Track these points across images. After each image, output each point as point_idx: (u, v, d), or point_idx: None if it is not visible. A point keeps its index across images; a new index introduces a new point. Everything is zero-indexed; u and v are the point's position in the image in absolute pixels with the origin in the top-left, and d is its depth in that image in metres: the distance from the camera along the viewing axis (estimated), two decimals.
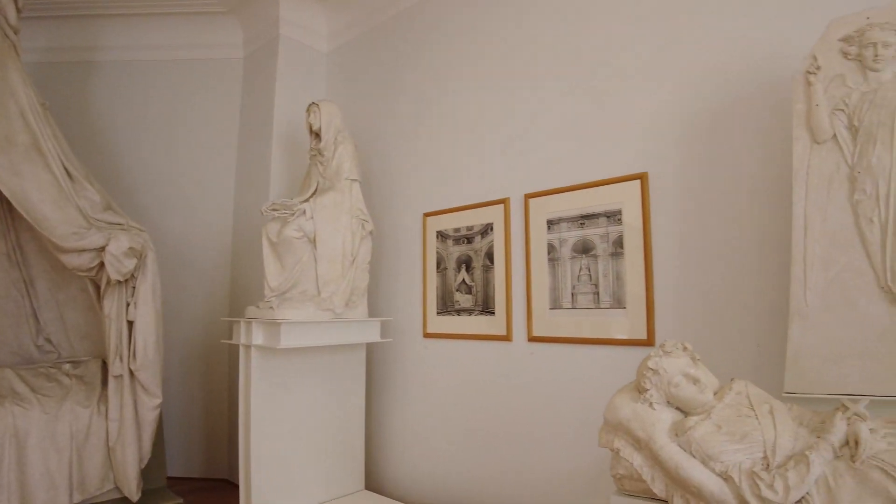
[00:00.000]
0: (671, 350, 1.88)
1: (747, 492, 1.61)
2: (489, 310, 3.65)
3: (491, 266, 3.64)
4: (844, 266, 2.17)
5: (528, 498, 3.38)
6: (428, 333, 4.01)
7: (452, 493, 3.80)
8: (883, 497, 1.48)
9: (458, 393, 3.83)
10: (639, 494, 1.90)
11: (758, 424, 1.70)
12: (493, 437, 3.60)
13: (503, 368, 3.58)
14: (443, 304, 3.92)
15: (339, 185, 3.70)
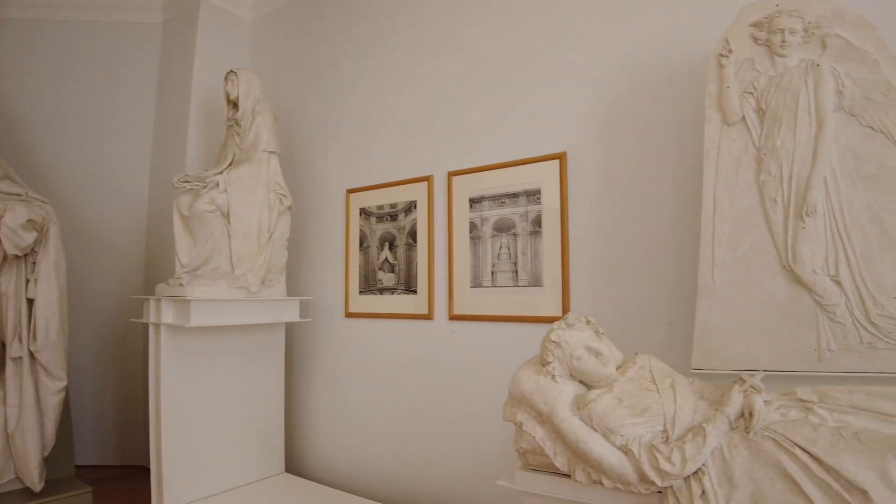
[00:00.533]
0: (574, 323, 1.88)
1: (646, 464, 1.62)
2: (412, 288, 3.60)
3: (414, 244, 3.60)
4: (750, 246, 2.22)
5: (451, 476, 3.37)
6: (350, 313, 3.94)
7: (375, 474, 3.77)
8: (774, 466, 1.51)
9: (380, 373, 3.78)
10: (543, 469, 1.90)
11: (659, 398, 1.72)
12: (415, 416, 3.57)
13: (425, 347, 3.55)
14: (365, 283, 3.85)
15: (255, 157, 3.57)
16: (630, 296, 2.82)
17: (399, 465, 3.64)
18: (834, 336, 2.09)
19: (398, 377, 3.68)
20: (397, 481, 3.63)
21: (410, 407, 3.60)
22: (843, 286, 2.08)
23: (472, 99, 3.41)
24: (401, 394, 3.66)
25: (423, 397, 3.55)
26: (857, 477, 1.41)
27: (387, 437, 3.72)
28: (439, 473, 3.43)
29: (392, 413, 3.70)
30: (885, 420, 1.54)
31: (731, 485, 1.53)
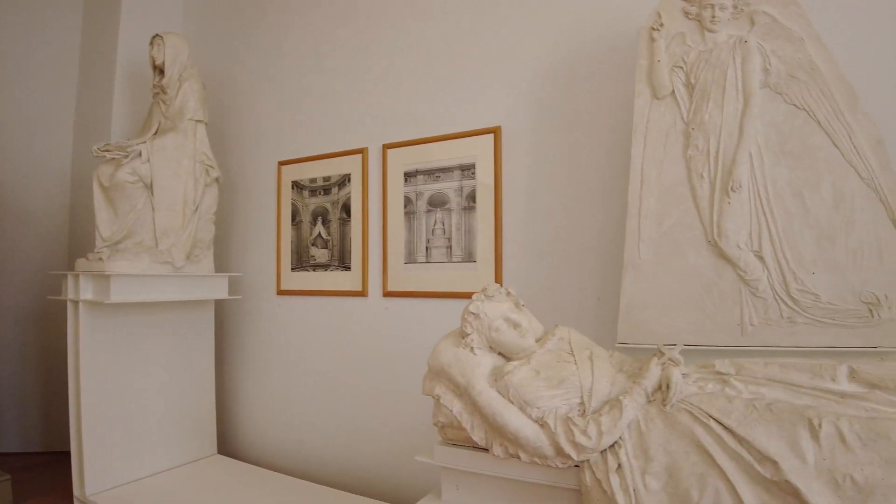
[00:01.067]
0: (493, 294, 1.84)
1: (562, 437, 1.59)
2: (345, 265, 3.52)
3: (348, 219, 3.51)
4: (676, 220, 2.21)
5: (386, 454, 3.32)
6: (282, 290, 3.83)
7: (309, 453, 3.69)
8: (689, 439, 1.50)
9: (313, 352, 3.69)
10: (462, 443, 1.85)
11: (576, 370, 1.69)
12: (349, 394, 3.51)
13: (359, 325, 3.48)
14: (297, 259, 3.75)
15: (181, 125, 3.41)
16: (561, 271, 2.81)
17: (333, 444, 3.57)
18: (756, 310, 2.11)
19: (332, 355, 3.60)
20: (332, 460, 3.57)
21: (344, 385, 3.53)
22: (766, 261, 2.09)
23: (407, 71, 3.33)
24: (335, 372, 3.58)
25: (358, 375, 3.48)
26: (769, 448, 1.41)
27: (321, 416, 3.64)
28: (375, 452, 3.38)
29: (326, 392, 3.62)
30: (797, 391, 1.54)
31: (647, 457, 1.52)
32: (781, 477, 1.37)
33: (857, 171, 2.04)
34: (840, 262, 2.04)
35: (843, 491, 1.35)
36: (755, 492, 1.40)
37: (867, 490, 1.33)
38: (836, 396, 1.51)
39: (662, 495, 1.47)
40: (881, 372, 1.52)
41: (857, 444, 1.38)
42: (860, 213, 2.03)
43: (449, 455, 1.88)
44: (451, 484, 1.94)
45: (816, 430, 1.40)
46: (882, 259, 2.00)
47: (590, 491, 1.56)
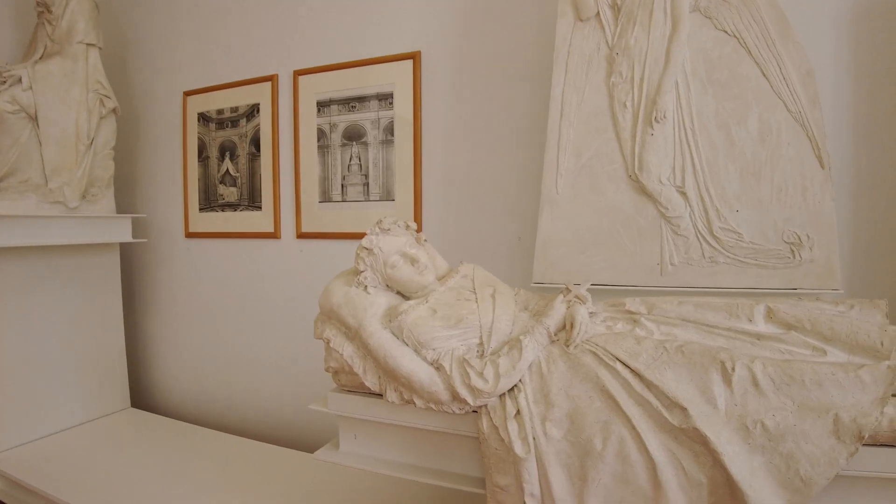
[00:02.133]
0: (390, 227, 1.66)
1: (457, 381, 1.44)
2: (256, 204, 3.28)
3: (257, 154, 3.25)
4: (596, 152, 2.07)
5: (303, 399, 3.14)
6: (191, 233, 3.56)
7: (226, 403, 3.50)
8: (592, 383, 1.37)
9: (225, 298, 3.47)
10: (356, 389, 1.69)
11: (476, 308, 1.53)
12: (264, 342, 3.31)
13: (272, 269, 3.27)
14: (206, 199, 3.47)
15: (70, 49, 3.05)
16: (483, 209, 2.66)
17: (249, 392, 3.39)
18: (677, 249, 2.00)
19: (245, 302, 3.39)
20: (248, 409, 3.39)
21: (259, 333, 3.33)
22: (689, 197, 1.98)
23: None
24: (248, 320, 3.37)
25: (272, 322, 3.28)
26: (678, 393, 1.29)
27: (235, 365, 3.44)
28: (292, 399, 3.20)
29: (240, 340, 3.42)
30: (711, 332, 1.43)
31: (548, 403, 1.38)
32: (690, 424, 1.25)
33: (786, 103, 1.93)
34: (764, 199, 1.94)
35: (753, 437, 1.24)
36: (662, 440, 1.29)
37: (778, 436, 1.23)
38: (752, 338, 1.41)
39: (563, 444, 1.35)
40: (798, 312, 1.42)
41: (770, 389, 1.27)
42: (786, 147, 1.93)
43: (343, 403, 1.72)
44: (348, 433, 1.78)
45: (729, 374, 1.29)
46: (806, 197, 1.91)
47: (487, 439, 1.42)
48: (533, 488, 1.36)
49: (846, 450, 1.20)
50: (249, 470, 2.66)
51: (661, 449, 1.28)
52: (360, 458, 1.75)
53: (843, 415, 1.22)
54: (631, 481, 1.29)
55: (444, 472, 1.64)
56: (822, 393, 1.25)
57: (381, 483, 2.41)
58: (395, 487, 2.42)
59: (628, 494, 1.30)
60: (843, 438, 1.21)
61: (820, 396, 1.25)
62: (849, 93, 2.08)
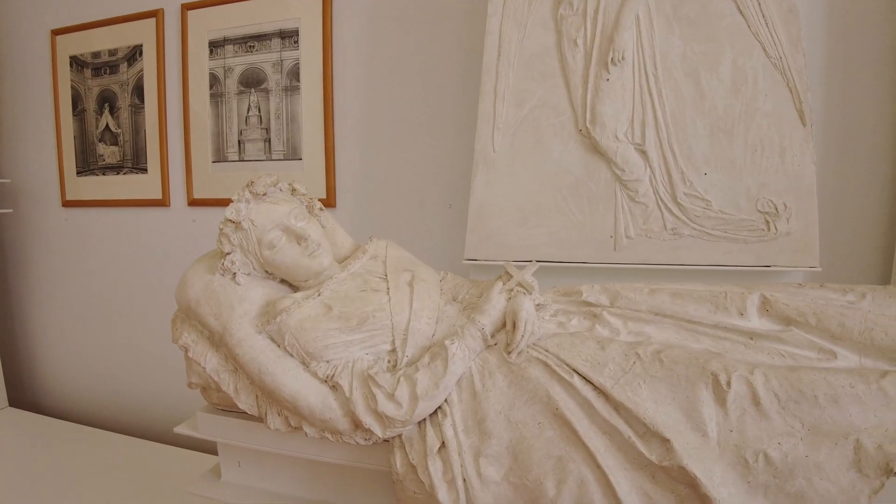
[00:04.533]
0: (266, 191, 1.22)
1: (359, 405, 1.06)
2: (141, 166, 2.79)
3: (141, 106, 2.74)
4: (540, 101, 1.72)
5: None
6: (68, 201, 3.02)
7: (112, 399, 3.05)
8: (542, 404, 1.02)
9: (111, 277, 2.98)
10: (231, 408, 1.29)
11: (387, 302, 1.15)
12: (153, 326, 2.84)
13: (162, 242, 2.81)
14: (84, 161, 2.94)
15: None
16: (406, 170, 2.28)
17: (142, 386, 2.94)
18: (634, 220, 1.68)
19: (133, 281, 2.91)
20: (139, 403, 2.94)
21: (149, 316, 2.87)
22: (649, 157, 1.66)
23: None
24: (138, 301, 2.90)
25: (162, 302, 2.81)
26: (656, 418, 0.95)
27: (124, 352, 2.98)
28: (183, 393, 2.77)
29: (126, 322, 2.95)
30: (694, 331, 1.10)
31: (482, 432, 1.03)
32: (674, 462, 0.92)
33: (764, 46, 1.62)
34: (737, 161, 1.63)
35: (753, 474, 0.93)
36: (635, 481, 0.96)
37: (785, 472, 0.93)
38: (745, 337, 1.09)
39: (504, 487, 0.99)
40: (801, 304, 1.10)
41: (775, 408, 0.96)
42: (763, 100, 1.62)
43: (216, 426, 1.33)
44: (230, 460, 1.40)
45: (723, 392, 0.96)
46: (784, 158, 1.61)
47: (402, 481, 1.06)
48: None
49: (869, 486, 0.92)
50: (136, 472, 2.35)
51: (633, 493, 0.95)
52: (244, 492, 1.37)
53: (865, 440, 0.93)
54: None
55: None
56: (839, 412, 0.95)
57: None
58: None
59: None
60: (865, 472, 0.92)
61: (836, 416, 0.95)
62: (824, 36, 1.79)
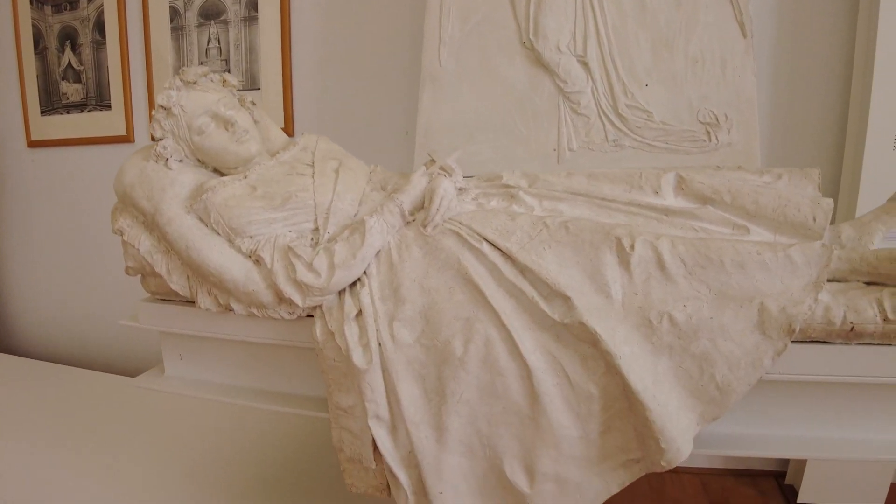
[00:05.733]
0: (196, 80, 1.23)
1: (280, 276, 1.10)
2: (105, 103, 2.78)
3: (103, 42, 2.72)
4: (485, 16, 1.72)
5: None
6: (33, 142, 3.01)
7: (83, 335, 3.08)
8: (453, 270, 1.05)
9: (78, 215, 2.98)
10: (170, 297, 1.33)
11: (311, 184, 1.17)
12: (122, 261, 2.84)
13: None
14: (47, 100, 2.93)
15: None
16: (363, 97, 2.29)
17: (111, 323, 2.94)
18: (576, 132, 1.69)
19: (100, 217, 2.88)
20: (112, 342, 2.96)
21: (117, 252, 2.85)
22: (591, 69, 1.66)
23: None
24: (104, 237, 2.89)
25: None
26: (559, 279, 0.98)
27: (92, 291, 3.00)
28: None
29: (98, 262, 2.96)
30: (608, 207, 1.13)
31: (398, 299, 1.06)
32: (575, 318, 0.95)
33: None
34: (678, 73, 1.64)
35: (657, 335, 0.96)
36: (540, 340, 0.99)
37: (689, 332, 0.96)
38: (659, 213, 1.12)
39: (416, 349, 1.03)
40: (716, 182, 1.13)
41: (681, 273, 0.99)
42: (704, 11, 1.63)
43: (155, 314, 1.36)
44: (172, 353, 1.43)
45: (626, 255, 0.99)
46: (725, 70, 1.62)
47: (322, 349, 1.09)
48: (378, 408, 1.04)
49: (773, 347, 0.95)
50: (105, 406, 2.36)
51: (538, 351, 0.98)
52: (187, 383, 1.40)
53: (769, 303, 0.96)
54: (501, 395, 0.99)
55: (286, 394, 1.32)
56: (745, 277, 0.98)
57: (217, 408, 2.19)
58: (234, 411, 2.17)
59: (498, 412, 1.00)
60: (769, 333, 0.95)
61: (742, 282, 0.98)
62: None
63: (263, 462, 1.92)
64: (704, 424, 0.97)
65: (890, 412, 1.08)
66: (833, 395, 1.08)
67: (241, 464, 1.91)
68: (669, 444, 0.93)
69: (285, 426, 2.15)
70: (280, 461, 1.93)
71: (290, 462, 1.92)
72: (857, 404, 1.08)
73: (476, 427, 1.01)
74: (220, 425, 2.17)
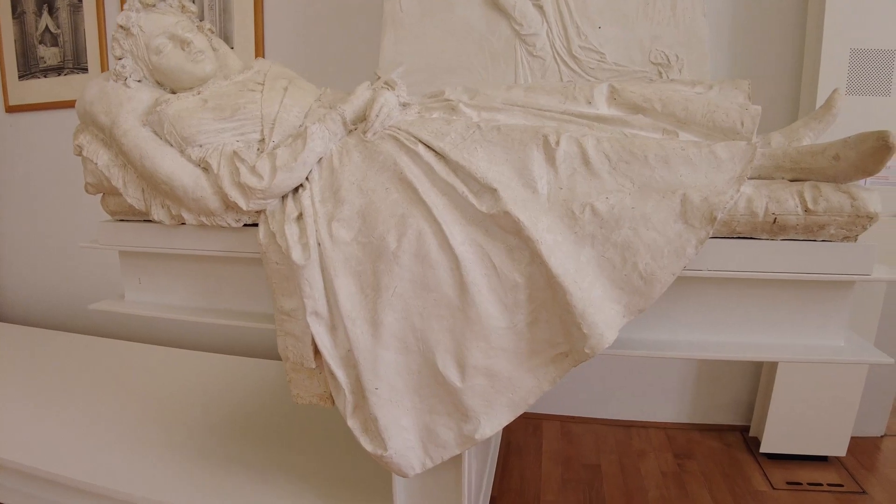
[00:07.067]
0: (154, 2, 1.27)
1: (225, 180, 1.14)
2: (82, 66, 2.80)
3: (80, 4, 2.75)
4: None
5: None
6: (11, 107, 3.03)
7: (62, 299, 3.10)
8: (390, 171, 1.09)
9: (58, 179, 3.00)
10: (129, 217, 1.36)
11: (259, 98, 1.21)
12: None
13: None
14: (25, 64, 2.96)
15: None
16: (336, 52, 2.32)
17: (88, 287, 2.99)
18: (532, 73, 1.72)
19: (80, 181, 2.92)
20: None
21: (96, 216, 2.88)
22: (545, 12, 1.70)
23: None
24: (83, 200, 2.92)
25: None
26: (488, 174, 1.03)
27: (72, 255, 3.02)
28: None
29: (78, 226, 2.99)
30: (541, 116, 1.17)
31: (337, 200, 1.10)
32: (500, 209, 0.99)
33: None
34: (630, 14, 1.68)
35: (580, 225, 1.00)
36: (469, 233, 1.03)
37: (611, 222, 0.99)
38: (591, 120, 1.16)
39: (353, 247, 1.07)
40: (648, 91, 1.17)
41: (605, 168, 1.02)
42: None
43: (113, 233, 1.39)
44: (132, 278, 1.47)
45: (552, 150, 1.03)
46: (675, 11, 1.66)
47: (266, 252, 1.13)
48: (316, 304, 1.08)
49: (695, 235, 0.98)
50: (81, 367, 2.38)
51: (467, 244, 1.02)
52: (144, 305, 1.44)
53: (692, 194, 0.99)
54: (432, 287, 1.03)
55: (239, 311, 1.36)
56: (669, 172, 1.02)
57: None
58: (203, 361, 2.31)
59: (430, 304, 1.04)
60: (691, 222, 0.98)
61: (666, 176, 1.02)
62: None
63: (230, 408, 1.97)
64: (631, 317, 1.00)
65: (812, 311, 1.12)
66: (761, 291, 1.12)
67: (209, 411, 1.95)
68: (592, 329, 0.96)
69: (254, 376, 2.20)
70: (249, 408, 1.97)
71: (261, 409, 1.96)
72: (774, 305, 1.12)
73: (410, 321, 1.05)
74: (188, 376, 2.22)
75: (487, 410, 1.05)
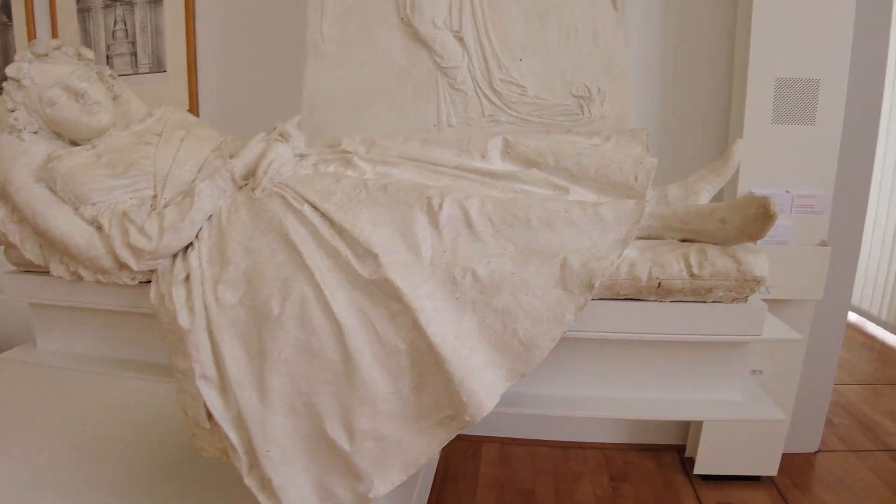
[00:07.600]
0: (47, 52, 1.25)
1: (117, 240, 1.13)
2: None
3: (9, 24, 2.69)
4: None
5: None
6: None
7: None
8: (276, 232, 1.09)
9: None
10: (33, 268, 1.35)
11: (154, 152, 1.20)
12: None
13: None
14: None
15: None
16: (267, 75, 2.30)
17: None
18: (455, 107, 1.72)
19: None
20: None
21: None
22: (466, 44, 1.69)
23: None
24: None
25: None
26: (371, 238, 1.02)
27: None
28: None
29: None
30: (435, 171, 1.17)
31: (223, 261, 1.09)
32: (381, 275, 0.99)
33: None
34: (551, 46, 1.67)
35: (461, 290, 1.00)
36: (353, 299, 1.02)
37: (491, 287, 0.99)
38: (484, 176, 1.16)
39: (239, 310, 1.06)
40: (542, 146, 1.18)
41: (488, 231, 1.03)
42: None
43: (19, 285, 1.38)
44: (43, 326, 1.45)
45: (435, 213, 1.03)
46: (597, 41, 1.66)
47: (158, 312, 1.12)
48: (205, 368, 1.07)
49: (574, 302, 0.98)
50: None
51: (349, 309, 1.01)
52: (56, 356, 1.43)
53: (572, 259, 0.99)
54: (317, 352, 1.03)
55: (146, 363, 1.35)
56: (553, 234, 1.02)
57: None
58: None
59: (315, 369, 1.03)
60: (570, 288, 0.98)
61: (549, 238, 1.02)
62: None
63: (149, 433, 1.95)
64: (513, 381, 1.00)
65: (702, 371, 1.13)
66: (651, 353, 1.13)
67: (127, 436, 1.94)
68: (471, 398, 0.96)
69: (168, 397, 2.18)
70: (165, 433, 1.96)
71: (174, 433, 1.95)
72: (667, 363, 1.13)
73: (296, 386, 1.04)
74: (103, 397, 2.21)
75: (379, 472, 1.05)
